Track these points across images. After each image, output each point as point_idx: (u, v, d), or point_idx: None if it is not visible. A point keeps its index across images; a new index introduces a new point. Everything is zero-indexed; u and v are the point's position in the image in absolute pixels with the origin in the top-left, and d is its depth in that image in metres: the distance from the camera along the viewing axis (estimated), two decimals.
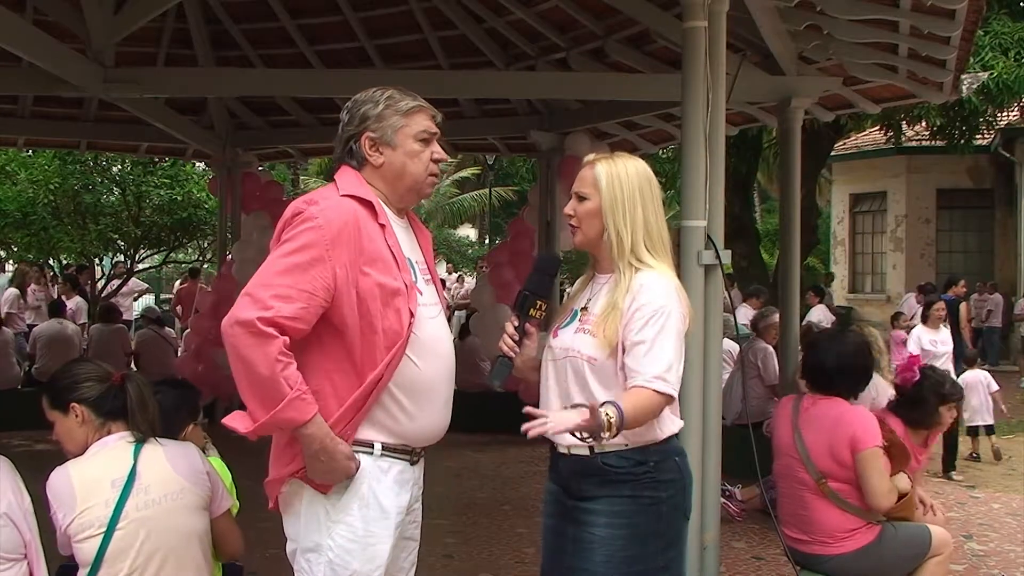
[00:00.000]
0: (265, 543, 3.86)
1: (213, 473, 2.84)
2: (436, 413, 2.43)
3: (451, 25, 7.70)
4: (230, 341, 2.22)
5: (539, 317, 2.54)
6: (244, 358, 2.21)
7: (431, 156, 2.44)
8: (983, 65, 10.19)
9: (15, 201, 13.16)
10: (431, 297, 2.46)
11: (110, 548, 2.54)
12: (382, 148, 2.40)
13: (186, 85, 7.15)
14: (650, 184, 2.50)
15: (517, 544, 5.40)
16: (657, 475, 2.42)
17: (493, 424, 8.49)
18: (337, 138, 2.48)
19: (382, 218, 2.37)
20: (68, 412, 2.69)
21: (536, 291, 2.54)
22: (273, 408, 2.20)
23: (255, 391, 2.23)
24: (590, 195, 2.49)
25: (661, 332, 2.35)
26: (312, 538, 2.32)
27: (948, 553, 3.76)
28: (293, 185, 21.08)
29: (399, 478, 2.37)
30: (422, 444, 2.45)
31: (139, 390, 2.72)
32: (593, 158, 2.55)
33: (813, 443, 3.62)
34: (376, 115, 2.40)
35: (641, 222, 2.45)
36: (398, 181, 2.42)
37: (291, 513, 2.37)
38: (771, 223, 21.65)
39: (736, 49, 5.74)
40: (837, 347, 3.79)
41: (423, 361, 2.36)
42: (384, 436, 2.35)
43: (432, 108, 2.47)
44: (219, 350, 8.84)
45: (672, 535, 2.46)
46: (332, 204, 2.31)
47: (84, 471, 2.62)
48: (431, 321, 2.42)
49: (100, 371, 2.76)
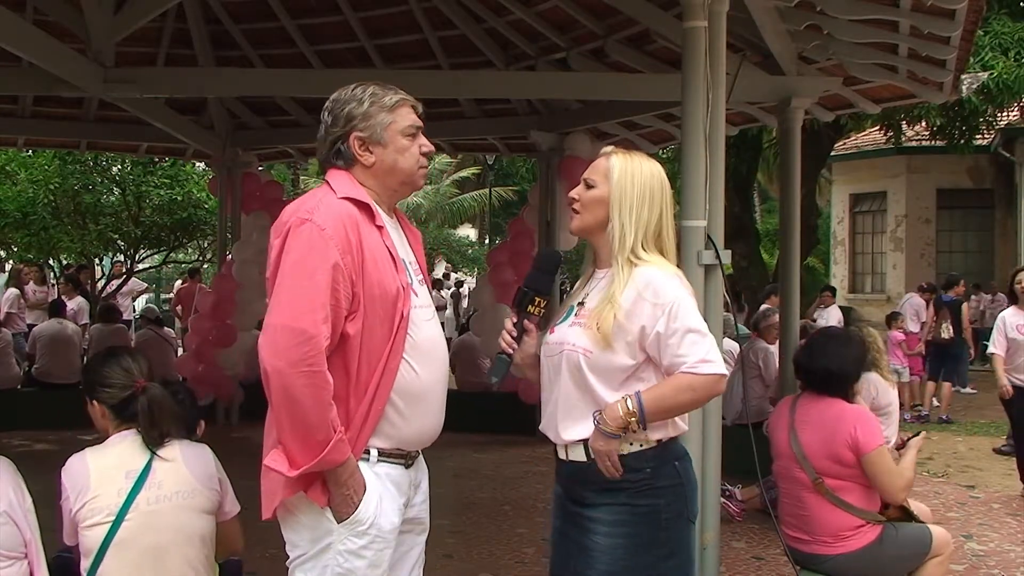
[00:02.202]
0: (265, 543, 3.86)
1: (225, 479, 2.87)
2: (431, 416, 2.42)
3: (451, 25, 7.70)
4: (284, 383, 2.14)
5: (538, 314, 2.52)
6: (297, 401, 2.15)
7: (420, 150, 2.42)
8: (983, 65, 10.19)
9: (15, 201, 13.15)
10: (425, 299, 2.44)
11: (116, 538, 2.58)
12: (372, 147, 2.37)
13: (186, 85, 7.15)
14: (662, 187, 2.47)
15: (517, 544, 5.40)
16: (654, 482, 2.37)
17: (493, 424, 8.54)
18: (320, 139, 2.44)
19: (379, 220, 2.35)
20: (91, 404, 2.79)
21: (535, 288, 2.52)
22: (320, 452, 2.16)
23: (302, 434, 2.17)
24: (598, 183, 2.47)
25: (688, 319, 2.33)
26: (315, 545, 2.29)
27: (948, 553, 3.76)
28: (293, 185, 21.07)
29: (398, 483, 2.36)
30: (416, 447, 2.44)
31: (151, 406, 2.73)
32: (611, 150, 2.52)
33: (809, 443, 3.62)
34: (362, 114, 2.37)
35: (646, 221, 2.42)
36: (390, 177, 2.40)
37: (292, 522, 2.32)
38: (771, 223, 21.65)
39: (736, 49, 5.74)
40: (833, 348, 3.79)
41: (419, 365, 2.34)
42: (380, 442, 2.32)
43: (413, 99, 2.45)
44: (220, 350, 8.90)
45: (675, 543, 2.41)
46: (332, 209, 2.26)
47: (101, 459, 2.69)
48: (426, 324, 2.40)
49: (125, 378, 2.78)
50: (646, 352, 2.36)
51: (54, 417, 8.14)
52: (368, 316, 2.25)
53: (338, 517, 2.25)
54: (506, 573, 4.95)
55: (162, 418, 2.73)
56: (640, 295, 2.35)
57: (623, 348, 2.36)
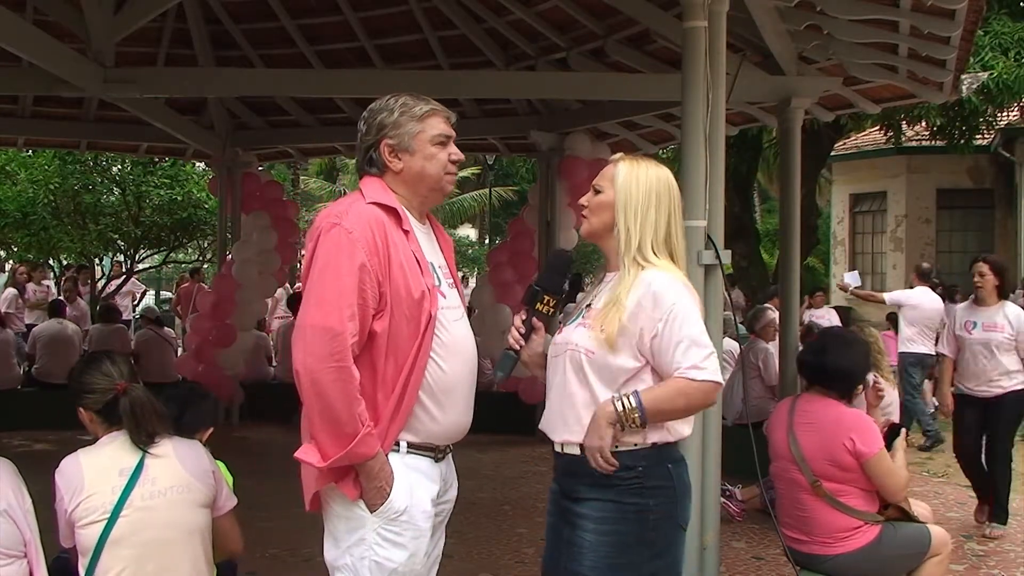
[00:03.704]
0: (265, 543, 3.86)
1: (218, 473, 2.90)
2: (460, 413, 2.50)
3: (451, 25, 7.71)
4: (312, 378, 2.25)
5: (547, 312, 2.56)
6: (325, 396, 2.26)
7: (448, 157, 2.51)
8: (983, 65, 10.19)
9: (15, 201, 13.16)
10: (454, 300, 2.53)
11: (112, 535, 2.59)
12: (400, 154, 2.47)
13: (186, 85, 7.15)
14: (669, 190, 2.51)
15: (517, 544, 5.41)
16: (644, 481, 2.39)
17: (493, 424, 8.53)
18: (357, 148, 2.56)
19: (406, 224, 2.43)
20: (80, 410, 2.80)
21: (545, 286, 2.57)
22: (348, 444, 2.26)
23: (330, 427, 2.27)
24: (605, 188, 2.52)
25: (685, 325, 2.36)
26: (352, 536, 2.36)
27: (947, 553, 3.77)
28: (293, 185, 21.09)
29: (428, 473, 2.45)
30: (445, 442, 2.52)
31: (132, 407, 2.73)
32: (619, 157, 2.59)
33: (808, 445, 3.62)
34: (392, 122, 2.46)
35: (652, 224, 2.46)
36: (419, 184, 2.49)
37: (329, 513, 2.42)
38: (771, 223, 21.67)
39: (736, 49, 5.74)
40: (843, 347, 3.78)
41: (447, 363, 2.43)
42: (410, 436, 2.41)
43: (447, 110, 2.55)
44: (220, 350, 8.89)
45: (662, 545, 2.42)
46: (361, 213, 2.36)
47: (94, 459, 2.70)
48: (455, 323, 2.48)
49: (106, 382, 2.79)
50: (646, 356, 2.39)
51: (54, 417, 8.08)
52: (394, 315, 2.34)
53: (371, 508, 2.34)
54: (506, 573, 4.95)
55: (146, 418, 2.73)
56: (642, 298, 2.38)
57: (627, 350, 2.38)
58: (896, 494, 3.61)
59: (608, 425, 2.35)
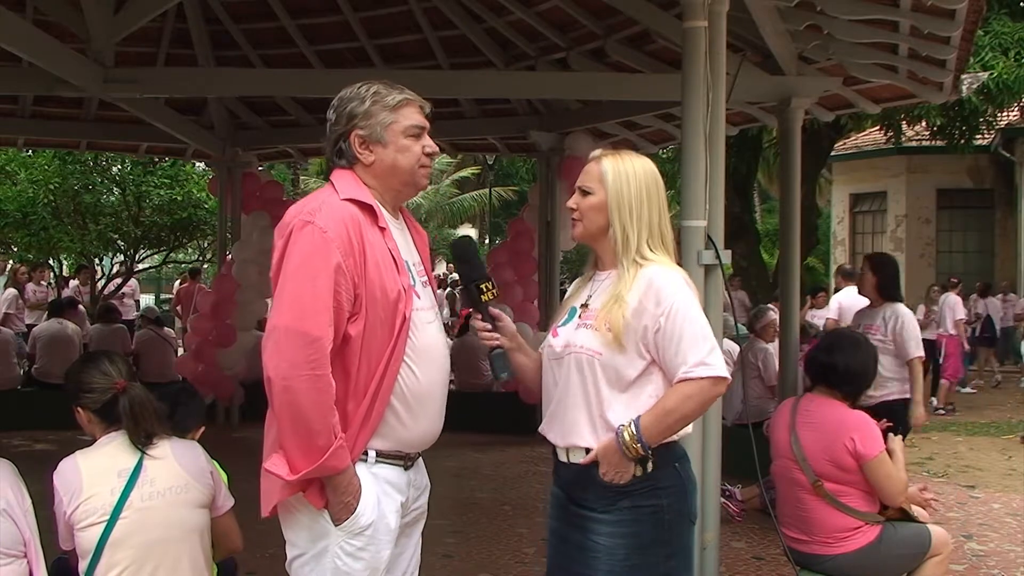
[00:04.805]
0: (265, 543, 3.85)
1: (216, 472, 2.89)
2: (431, 420, 2.40)
3: (451, 25, 7.71)
4: (286, 385, 2.13)
5: (493, 297, 2.50)
6: (298, 405, 2.13)
7: (423, 150, 2.38)
8: (983, 65, 10.18)
9: (15, 201, 13.16)
10: (428, 301, 2.42)
11: (111, 537, 2.58)
12: (372, 146, 2.34)
13: (186, 85, 7.15)
14: (656, 183, 2.47)
15: (517, 544, 5.40)
16: (655, 483, 2.37)
17: (493, 424, 8.54)
18: (326, 138, 2.41)
19: (382, 221, 2.33)
20: (77, 411, 2.79)
21: (473, 277, 2.51)
22: (320, 457, 2.15)
23: (302, 439, 2.15)
24: (595, 190, 2.46)
25: (687, 321, 2.33)
26: (314, 546, 2.28)
27: (948, 553, 3.76)
28: (293, 185, 21.09)
29: (396, 484, 2.35)
30: (415, 449, 2.42)
31: (132, 406, 2.73)
32: (599, 153, 2.51)
33: (809, 445, 3.61)
34: (363, 112, 2.34)
35: (647, 220, 2.42)
36: (391, 177, 2.37)
37: (291, 521, 2.32)
38: (771, 223, 21.65)
39: (736, 49, 5.74)
40: (853, 349, 3.77)
41: (420, 368, 2.33)
42: (379, 443, 2.30)
43: (420, 100, 2.41)
44: (220, 350, 8.89)
45: (676, 543, 2.41)
46: (335, 210, 2.25)
47: (92, 460, 2.69)
48: (428, 326, 2.38)
49: (105, 381, 2.78)
50: (651, 352, 2.36)
51: (54, 417, 8.02)
52: (370, 318, 2.24)
53: (336, 521, 2.24)
54: (506, 573, 4.95)
55: (145, 417, 2.72)
56: (644, 294, 2.35)
57: (633, 348, 2.35)
58: (894, 498, 3.58)
59: (618, 465, 2.33)
